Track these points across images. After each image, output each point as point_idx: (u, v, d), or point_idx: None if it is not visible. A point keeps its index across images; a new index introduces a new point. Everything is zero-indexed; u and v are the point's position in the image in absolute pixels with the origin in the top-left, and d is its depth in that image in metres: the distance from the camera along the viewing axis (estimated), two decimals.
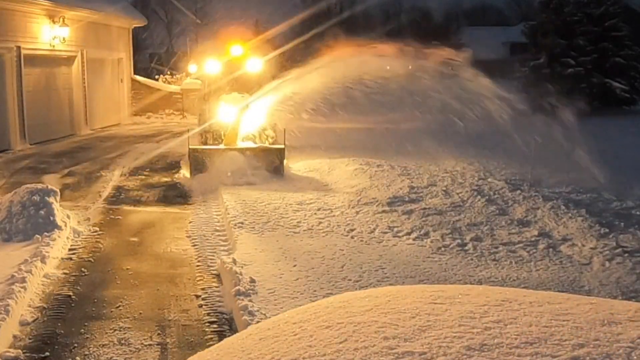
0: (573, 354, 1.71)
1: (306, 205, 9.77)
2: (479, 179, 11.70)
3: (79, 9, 19.05)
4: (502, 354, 1.73)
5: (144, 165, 14.07)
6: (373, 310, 2.10)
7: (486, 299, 2.12)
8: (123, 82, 24.45)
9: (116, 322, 5.85)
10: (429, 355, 1.74)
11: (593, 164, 11.30)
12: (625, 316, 1.95)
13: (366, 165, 12.48)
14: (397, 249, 7.80)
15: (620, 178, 11.50)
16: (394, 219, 9.05)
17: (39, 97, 17.50)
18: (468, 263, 7.30)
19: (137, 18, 25.62)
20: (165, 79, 27.89)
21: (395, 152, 14.26)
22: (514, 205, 9.78)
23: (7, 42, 15.91)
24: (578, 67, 26.39)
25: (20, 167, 13.83)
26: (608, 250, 7.75)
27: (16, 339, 5.46)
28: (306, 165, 13.14)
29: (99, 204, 10.59)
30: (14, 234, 7.98)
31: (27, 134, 16.83)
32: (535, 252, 7.72)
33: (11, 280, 6.24)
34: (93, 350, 5.27)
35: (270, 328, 2.18)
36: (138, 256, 7.91)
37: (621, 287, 6.61)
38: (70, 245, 8.17)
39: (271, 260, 7.20)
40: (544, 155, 12.33)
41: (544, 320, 1.93)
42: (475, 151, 14.42)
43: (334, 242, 7.96)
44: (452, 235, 8.34)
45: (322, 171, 12.60)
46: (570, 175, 11.46)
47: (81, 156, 15.40)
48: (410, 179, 11.39)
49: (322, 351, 1.84)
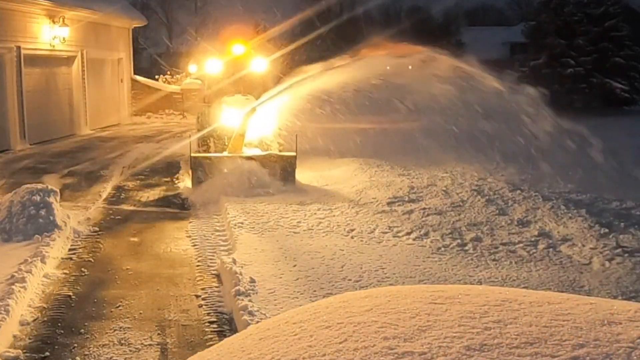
0: (573, 354, 1.71)
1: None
2: (478, 179, 11.71)
3: (79, 9, 19.06)
4: (502, 354, 1.73)
5: (143, 166, 14.06)
6: (373, 310, 2.10)
7: (486, 299, 2.12)
8: (123, 82, 24.46)
9: (116, 322, 5.85)
10: (429, 355, 1.74)
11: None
12: (625, 316, 1.95)
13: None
14: (397, 249, 7.80)
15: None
16: (394, 219, 9.06)
17: (39, 97, 17.50)
18: (468, 263, 7.30)
19: (137, 18, 25.63)
20: (165, 79, 27.89)
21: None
22: (513, 205, 9.79)
23: (7, 42, 15.91)
24: (578, 67, 26.42)
25: (20, 167, 13.83)
26: (608, 250, 7.75)
27: (16, 339, 5.46)
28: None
29: (99, 204, 10.59)
30: (14, 233, 7.98)
31: (27, 134, 16.83)
32: (535, 252, 7.73)
33: (11, 280, 6.24)
34: (93, 351, 5.27)
35: (270, 328, 2.18)
36: (138, 256, 7.91)
37: (621, 287, 6.61)
38: (70, 245, 8.17)
39: (271, 260, 7.20)
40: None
41: (544, 320, 1.92)
42: (475, 151, 14.33)
43: (334, 242, 7.96)
44: (452, 235, 8.35)
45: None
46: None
47: (81, 156, 15.40)
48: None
49: (322, 351, 1.84)
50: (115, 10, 22.36)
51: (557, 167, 12.31)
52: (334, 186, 11.36)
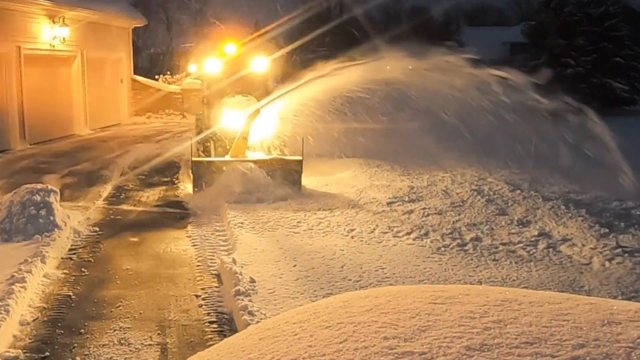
0: (573, 354, 1.71)
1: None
2: (477, 179, 11.70)
3: (79, 9, 19.06)
4: (502, 354, 1.73)
5: (144, 166, 14.06)
6: (373, 310, 2.10)
7: (486, 299, 2.12)
8: (123, 82, 24.46)
9: (116, 322, 5.84)
10: (429, 355, 1.74)
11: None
12: (625, 316, 1.95)
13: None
14: (397, 249, 7.80)
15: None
16: (394, 219, 9.06)
17: (39, 97, 17.50)
18: (468, 263, 7.30)
19: (137, 18, 25.63)
20: (165, 79, 27.90)
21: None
22: (513, 205, 9.78)
23: (7, 42, 15.91)
24: (578, 67, 26.42)
25: (20, 167, 13.83)
26: (608, 250, 7.75)
27: (16, 339, 5.46)
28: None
29: (99, 204, 10.60)
30: (14, 233, 7.98)
31: (27, 134, 16.84)
32: (535, 252, 7.73)
33: (11, 280, 6.25)
34: (93, 351, 5.27)
35: (270, 328, 2.18)
36: (138, 256, 7.91)
37: (621, 287, 6.61)
38: (70, 245, 8.17)
39: (271, 260, 7.20)
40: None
41: (544, 320, 1.92)
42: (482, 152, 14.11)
43: (334, 242, 7.96)
44: (452, 235, 8.35)
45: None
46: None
47: (81, 156, 15.40)
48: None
49: (322, 351, 1.84)
50: (115, 10, 22.37)
51: (557, 168, 12.30)
52: (339, 190, 10.96)
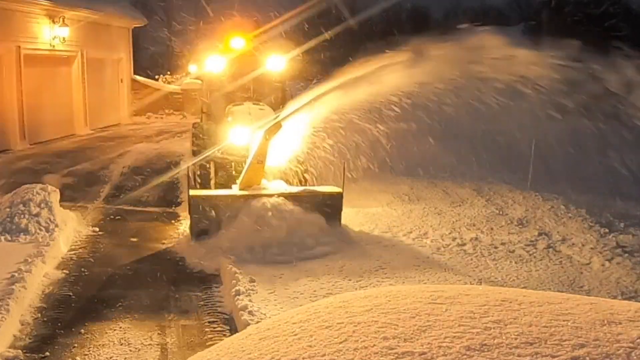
0: (573, 354, 1.71)
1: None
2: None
3: (79, 9, 19.05)
4: (502, 354, 1.73)
5: (144, 166, 14.05)
6: (373, 310, 2.10)
7: (486, 299, 2.12)
8: (123, 82, 24.45)
9: (116, 322, 5.84)
10: (429, 355, 1.74)
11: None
12: (625, 316, 1.95)
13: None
14: (396, 249, 7.80)
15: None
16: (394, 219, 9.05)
17: (39, 97, 17.48)
18: (468, 263, 7.30)
19: (137, 18, 25.61)
20: (165, 79, 27.89)
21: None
22: (514, 205, 9.79)
23: (7, 42, 15.90)
24: None
25: (20, 167, 13.82)
26: (608, 250, 7.75)
27: (16, 338, 5.45)
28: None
29: (98, 203, 10.60)
30: (15, 233, 7.98)
31: (27, 134, 16.83)
32: (535, 252, 7.73)
33: (11, 280, 6.25)
34: (93, 350, 5.27)
35: (270, 328, 2.18)
36: (138, 256, 7.90)
37: (621, 287, 6.61)
38: (70, 245, 8.17)
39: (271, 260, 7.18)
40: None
41: (544, 320, 1.93)
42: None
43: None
44: (451, 235, 8.35)
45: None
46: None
47: (81, 156, 15.39)
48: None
49: (322, 351, 1.84)
50: (115, 10, 22.35)
51: (557, 167, 12.31)
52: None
